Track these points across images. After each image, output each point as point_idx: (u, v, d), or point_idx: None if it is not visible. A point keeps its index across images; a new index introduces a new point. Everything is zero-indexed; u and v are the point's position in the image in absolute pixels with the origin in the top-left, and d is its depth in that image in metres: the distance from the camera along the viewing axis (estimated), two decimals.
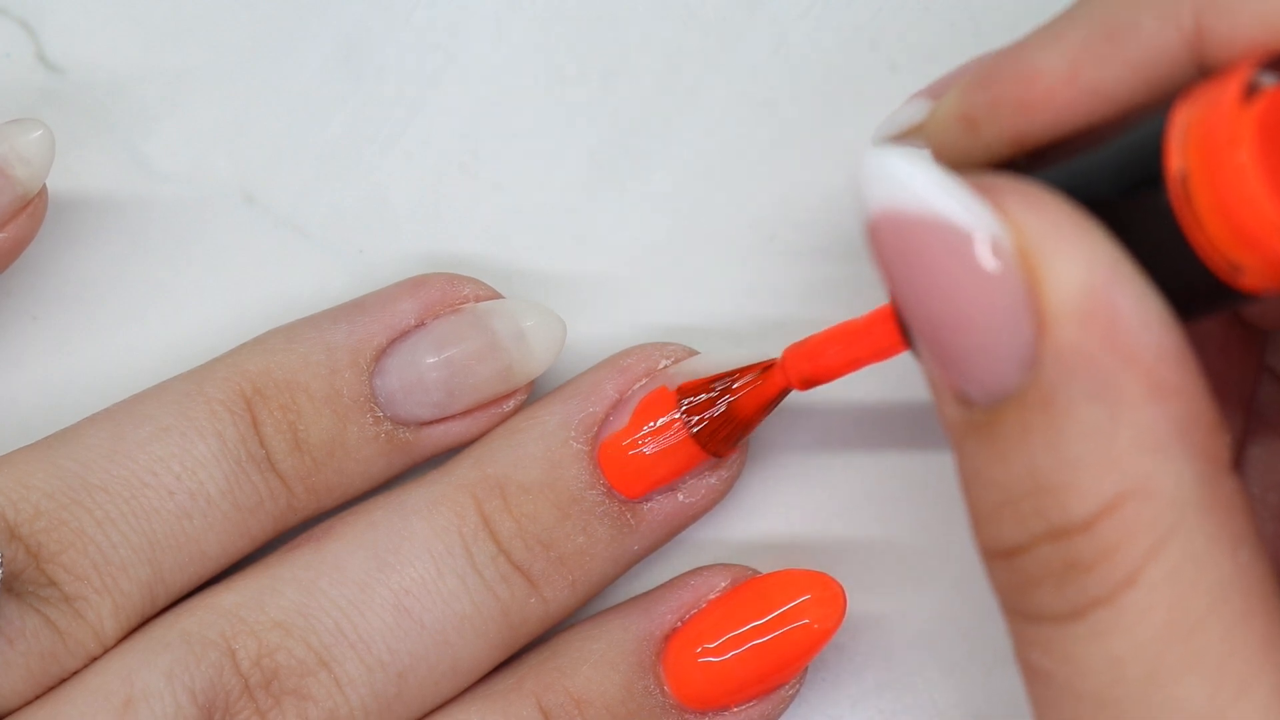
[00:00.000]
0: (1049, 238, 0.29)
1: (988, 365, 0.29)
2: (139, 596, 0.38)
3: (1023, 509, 0.29)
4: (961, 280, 0.29)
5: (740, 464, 0.40)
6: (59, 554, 0.37)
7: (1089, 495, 0.28)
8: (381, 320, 0.40)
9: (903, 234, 0.29)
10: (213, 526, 0.38)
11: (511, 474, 0.39)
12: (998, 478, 0.29)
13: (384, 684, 0.38)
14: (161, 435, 0.39)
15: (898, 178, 0.29)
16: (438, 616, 0.38)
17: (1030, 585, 0.29)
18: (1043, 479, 0.29)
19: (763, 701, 0.39)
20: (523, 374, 0.40)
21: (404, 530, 0.39)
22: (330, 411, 0.39)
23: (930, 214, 0.29)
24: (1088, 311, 0.28)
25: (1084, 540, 0.29)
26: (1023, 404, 0.29)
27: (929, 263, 0.29)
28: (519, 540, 0.39)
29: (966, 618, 0.42)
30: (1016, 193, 0.29)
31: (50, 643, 0.37)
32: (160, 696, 0.37)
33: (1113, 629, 0.29)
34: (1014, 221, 0.29)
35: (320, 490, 0.39)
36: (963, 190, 0.29)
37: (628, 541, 0.40)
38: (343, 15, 0.42)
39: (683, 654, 0.39)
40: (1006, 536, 0.29)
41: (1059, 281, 0.28)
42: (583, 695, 0.39)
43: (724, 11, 0.42)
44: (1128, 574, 0.28)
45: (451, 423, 0.40)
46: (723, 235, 0.42)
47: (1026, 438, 0.29)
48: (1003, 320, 0.28)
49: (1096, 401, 0.28)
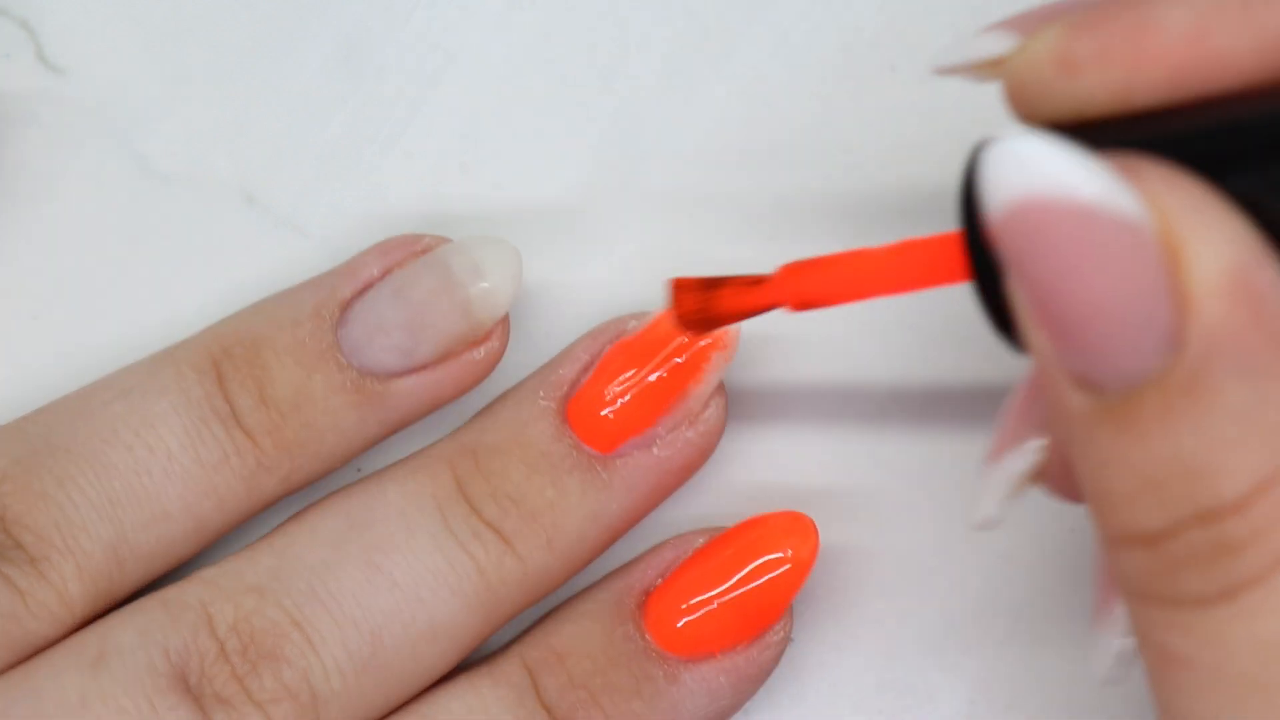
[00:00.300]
0: (1193, 219, 0.28)
1: (1128, 349, 0.28)
2: (101, 556, 0.38)
3: (1167, 492, 0.29)
4: (1102, 265, 0.28)
5: (720, 421, 0.40)
6: (23, 515, 0.38)
7: (1240, 475, 0.28)
8: (346, 276, 0.40)
9: (1040, 224, 0.28)
10: (173, 482, 0.38)
11: (482, 437, 0.40)
12: (1137, 463, 0.29)
13: (357, 642, 0.38)
14: (124, 396, 0.39)
15: (1032, 164, 0.28)
16: (409, 572, 0.38)
17: (1175, 569, 0.29)
18: (1190, 461, 0.28)
19: (750, 647, 0.39)
20: (484, 309, 0.39)
21: (378, 495, 0.39)
22: (294, 362, 0.39)
23: (1075, 200, 0.28)
24: (1235, 290, 0.28)
25: (1235, 521, 0.28)
26: (1164, 386, 0.28)
27: (1069, 252, 0.28)
28: (490, 499, 0.39)
29: (966, 617, 0.42)
30: (1158, 174, 0.29)
31: (10, 603, 0.37)
32: (133, 652, 0.37)
33: (1264, 610, 0.28)
34: (1157, 203, 0.28)
35: (291, 445, 0.39)
36: (1103, 173, 0.28)
37: (602, 497, 0.40)
38: (343, 15, 0.42)
39: (663, 606, 0.39)
40: (1148, 521, 0.29)
41: (1204, 261, 0.28)
42: (565, 649, 0.39)
43: (724, 11, 0.42)
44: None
45: (422, 374, 0.40)
46: (723, 235, 0.42)
47: (1169, 420, 0.28)
48: (1146, 303, 0.28)
49: (1246, 380, 0.28)
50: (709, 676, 0.39)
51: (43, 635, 0.37)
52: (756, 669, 0.40)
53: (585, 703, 0.39)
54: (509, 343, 0.40)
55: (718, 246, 0.42)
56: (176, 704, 0.37)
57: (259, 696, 0.37)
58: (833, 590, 0.42)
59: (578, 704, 0.39)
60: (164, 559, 0.39)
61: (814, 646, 0.42)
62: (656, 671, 0.39)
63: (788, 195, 0.42)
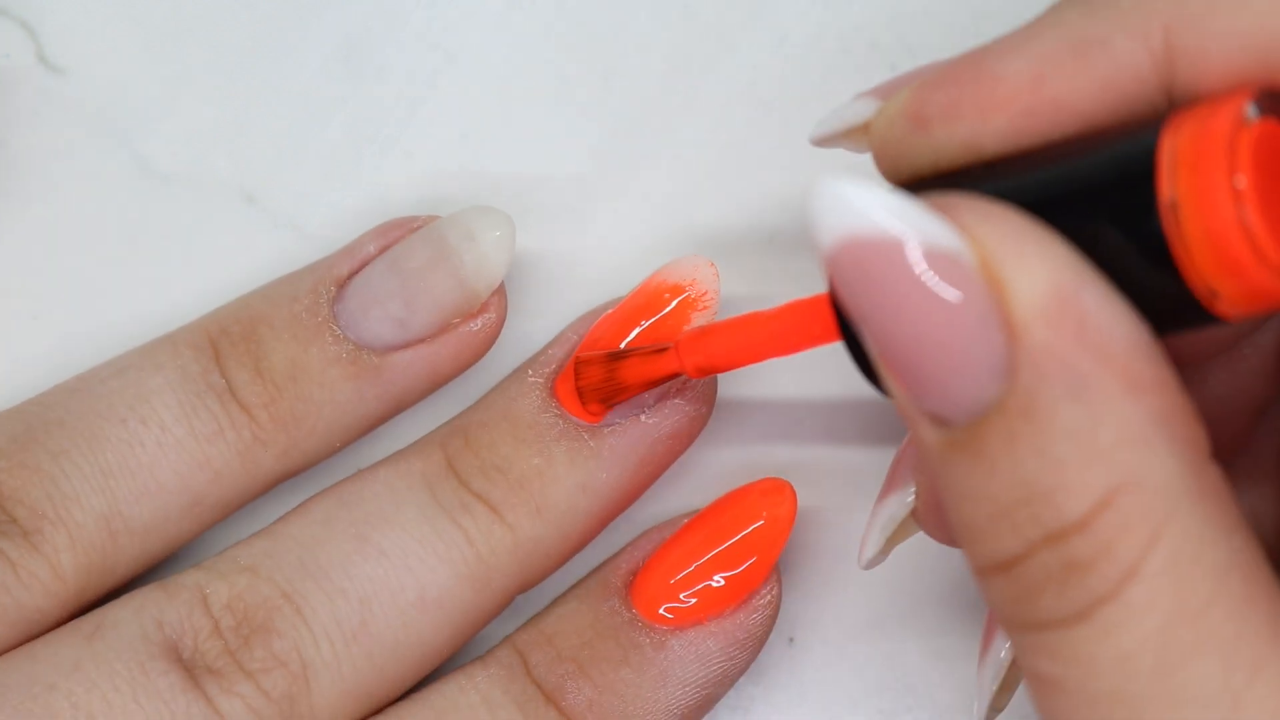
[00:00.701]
0: (1010, 247, 0.29)
1: (964, 382, 0.29)
2: (94, 528, 0.38)
3: (1017, 518, 0.29)
4: (927, 301, 0.29)
5: (711, 384, 0.40)
6: (17, 490, 0.38)
7: (1081, 493, 0.28)
8: (343, 256, 0.40)
9: (863, 262, 0.29)
10: (167, 454, 0.38)
11: (471, 417, 0.40)
12: (987, 491, 0.29)
13: (346, 611, 0.38)
14: (120, 374, 0.39)
15: (853, 205, 0.29)
16: (396, 543, 0.38)
17: (1032, 593, 0.29)
18: (1034, 484, 0.29)
19: (737, 610, 0.39)
20: (479, 279, 0.40)
21: (370, 477, 0.40)
22: (290, 336, 0.39)
23: (888, 238, 0.29)
24: (1057, 313, 0.28)
25: (1081, 539, 0.29)
26: (1004, 414, 0.29)
27: (893, 287, 0.29)
28: (478, 471, 0.39)
29: (966, 617, 0.42)
30: (972, 208, 0.29)
31: (2, 574, 0.37)
32: (127, 623, 0.37)
33: (1120, 624, 0.29)
34: (973, 236, 0.29)
35: (287, 419, 0.39)
36: (919, 210, 0.29)
37: (591, 465, 0.40)
38: (343, 15, 0.42)
39: (649, 581, 0.40)
40: (1003, 548, 0.29)
41: (1024, 287, 0.29)
42: (554, 630, 0.39)
43: (724, 11, 0.42)
44: (1128, 567, 0.28)
45: (419, 347, 0.40)
46: (723, 235, 0.42)
47: (1012, 446, 0.29)
48: (974, 334, 0.29)
49: (1076, 400, 0.28)
50: (697, 641, 0.39)
51: (35, 607, 0.38)
52: (745, 632, 0.40)
53: (574, 674, 0.39)
54: (508, 343, 0.40)
55: (718, 247, 0.42)
56: (168, 669, 0.37)
57: (250, 667, 0.37)
58: (833, 590, 0.42)
59: (566, 676, 0.39)
60: (160, 534, 0.39)
61: (814, 646, 0.42)
62: (644, 640, 0.39)
63: (788, 195, 0.42)
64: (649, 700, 0.39)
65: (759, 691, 0.42)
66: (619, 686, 0.39)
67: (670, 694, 0.39)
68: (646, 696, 0.39)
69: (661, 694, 0.39)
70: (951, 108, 0.32)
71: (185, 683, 0.37)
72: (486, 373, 0.41)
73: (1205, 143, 0.28)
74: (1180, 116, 0.29)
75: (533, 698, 0.39)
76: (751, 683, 0.42)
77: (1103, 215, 0.29)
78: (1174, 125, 0.29)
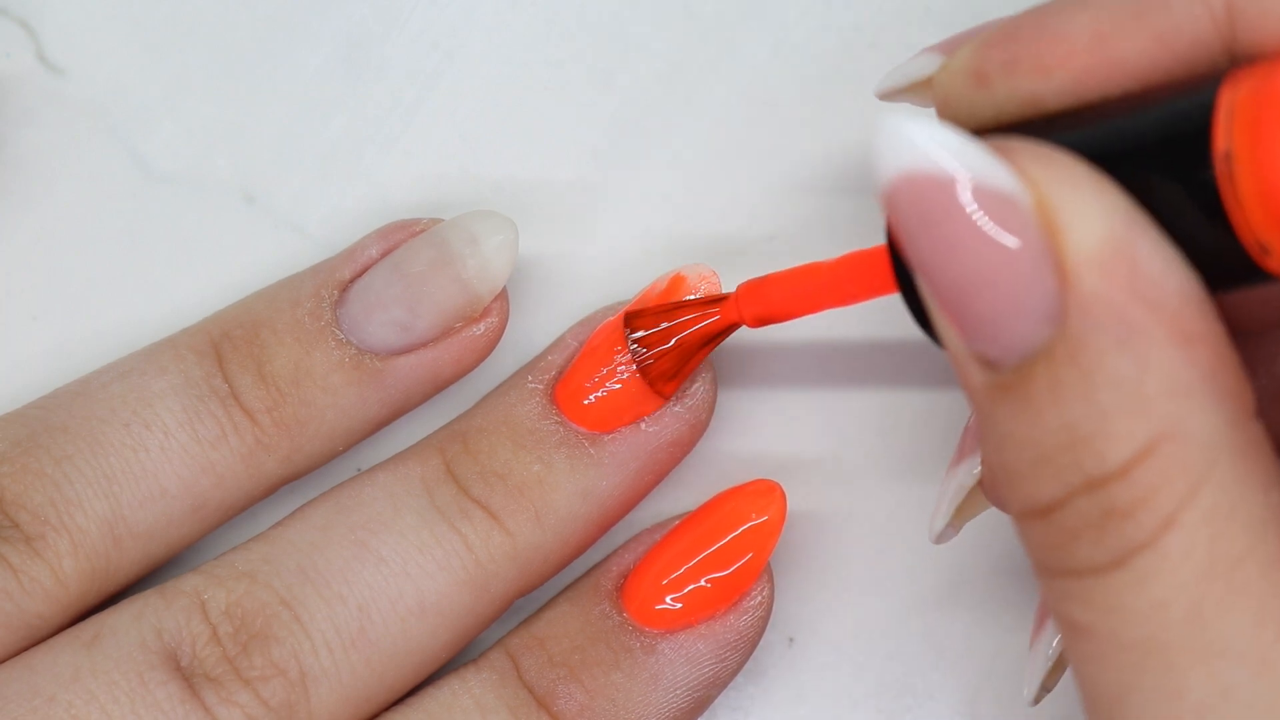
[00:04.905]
0: (1066, 193, 0.29)
1: (1014, 324, 0.29)
2: (97, 533, 0.38)
3: (1058, 463, 0.29)
4: (981, 241, 0.29)
5: (709, 396, 0.40)
6: (20, 495, 0.38)
7: (1123, 441, 0.29)
8: (345, 259, 0.40)
9: (921, 198, 0.29)
10: (170, 459, 0.38)
11: (470, 422, 0.40)
12: (1031, 435, 0.29)
13: (345, 618, 0.38)
14: (122, 378, 0.39)
15: (914, 141, 0.29)
16: (395, 549, 0.38)
17: (1069, 539, 0.29)
18: (1077, 430, 0.29)
19: (728, 612, 0.39)
20: (482, 283, 0.39)
21: (368, 481, 0.40)
22: (293, 340, 0.39)
23: (948, 176, 0.29)
24: (1109, 260, 0.29)
25: (1121, 487, 0.29)
26: (1051, 359, 0.29)
27: (949, 225, 0.29)
28: (478, 477, 0.39)
29: (967, 617, 0.42)
30: (1031, 151, 0.30)
31: (4, 581, 0.37)
32: (126, 631, 0.37)
33: (1155, 573, 0.29)
34: (1030, 179, 0.29)
35: (290, 423, 0.39)
36: (978, 150, 0.29)
37: (592, 473, 0.40)
38: (343, 15, 0.42)
39: (640, 584, 0.39)
40: (1043, 493, 0.30)
41: (1078, 233, 0.29)
42: (545, 634, 0.39)
43: (724, 11, 0.42)
44: (1166, 517, 0.29)
45: (422, 351, 0.40)
46: (723, 235, 0.42)
47: (1058, 392, 0.29)
48: (1026, 277, 0.29)
49: (1124, 349, 0.29)
50: (687, 643, 0.39)
51: (37, 613, 0.38)
52: (736, 634, 0.40)
53: (565, 679, 0.39)
54: (508, 345, 0.40)
55: (718, 246, 0.42)
56: (166, 679, 0.37)
57: (248, 675, 0.37)
58: (833, 590, 0.42)
59: (558, 680, 0.39)
60: (163, 539, 0.39)
61: (814, 646, 0.42)
62: (634, 643, 0.39)
63: (788, 195, 0.42)
64: (640, 704, 0.39)
65: (758, 691, 0.42)
66: (610, 691, 0.39)
67: (662, 697, 0.39)
68: (638, 700, 0.39)
69: (653, 697, 0.39)
70: (1013, 64, 0.32)
71: (184, 693, 0.37)
72: (486, 373, 0.41)
73: (1264, 96, 0.29)
74: (1240, 73, 0.29)
75: (525, 703, 0.39)
76: (751, 683, 0.42)
77: (1159, 167, 0.30)
78: (1233, 80, 0.29)
